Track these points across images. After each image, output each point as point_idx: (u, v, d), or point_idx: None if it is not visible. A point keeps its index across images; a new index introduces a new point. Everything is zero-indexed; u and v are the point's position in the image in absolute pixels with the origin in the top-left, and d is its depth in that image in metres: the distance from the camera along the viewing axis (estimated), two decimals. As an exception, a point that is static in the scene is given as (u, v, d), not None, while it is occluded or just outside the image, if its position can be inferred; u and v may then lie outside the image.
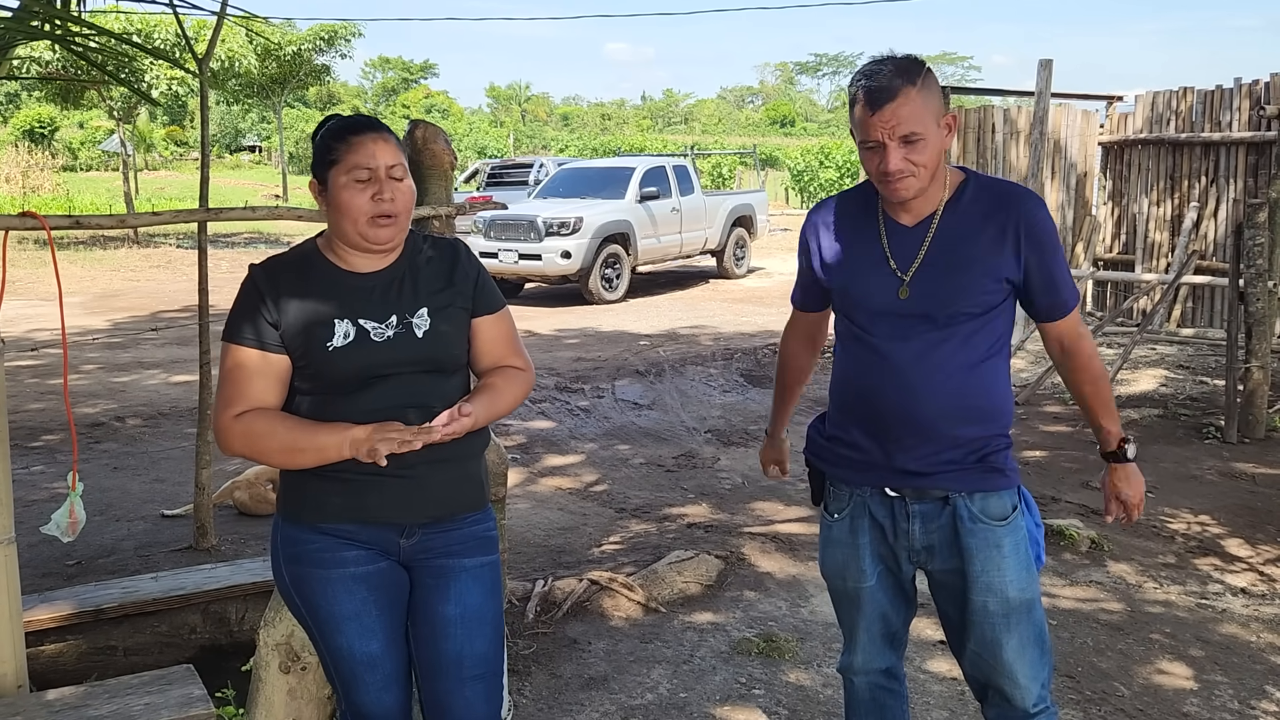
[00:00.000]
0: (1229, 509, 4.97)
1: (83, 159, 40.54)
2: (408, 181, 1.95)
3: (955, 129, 1.96)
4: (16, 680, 2.40)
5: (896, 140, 1.88)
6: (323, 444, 1.86)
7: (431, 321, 1.95)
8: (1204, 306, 9.92)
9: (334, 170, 1.90)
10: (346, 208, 1.89)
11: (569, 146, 46.72)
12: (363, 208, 1.89)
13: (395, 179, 1.92)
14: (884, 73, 1.88)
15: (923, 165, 1.90)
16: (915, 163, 1.90)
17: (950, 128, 1.93)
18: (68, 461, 5.82)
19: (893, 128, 1.87)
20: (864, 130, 1.90)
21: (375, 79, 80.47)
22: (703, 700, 3.17)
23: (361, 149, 1.89)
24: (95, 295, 13.09)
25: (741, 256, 15.44)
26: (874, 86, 1.88)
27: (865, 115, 1.89)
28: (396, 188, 1.91)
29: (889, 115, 1.86)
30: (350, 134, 1.91)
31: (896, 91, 1.86)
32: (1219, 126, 9.75)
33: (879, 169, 1.91)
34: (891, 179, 1.91)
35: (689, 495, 5.32)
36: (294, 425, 1.88)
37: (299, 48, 24.59)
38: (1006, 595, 2.00)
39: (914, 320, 1.98)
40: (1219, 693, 3.21)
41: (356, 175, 1.89)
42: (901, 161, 1.89)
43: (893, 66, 1.89)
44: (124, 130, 21.25)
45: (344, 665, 1.98)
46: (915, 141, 1.88)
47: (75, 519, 2.61)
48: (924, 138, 1.88)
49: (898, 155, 1.88)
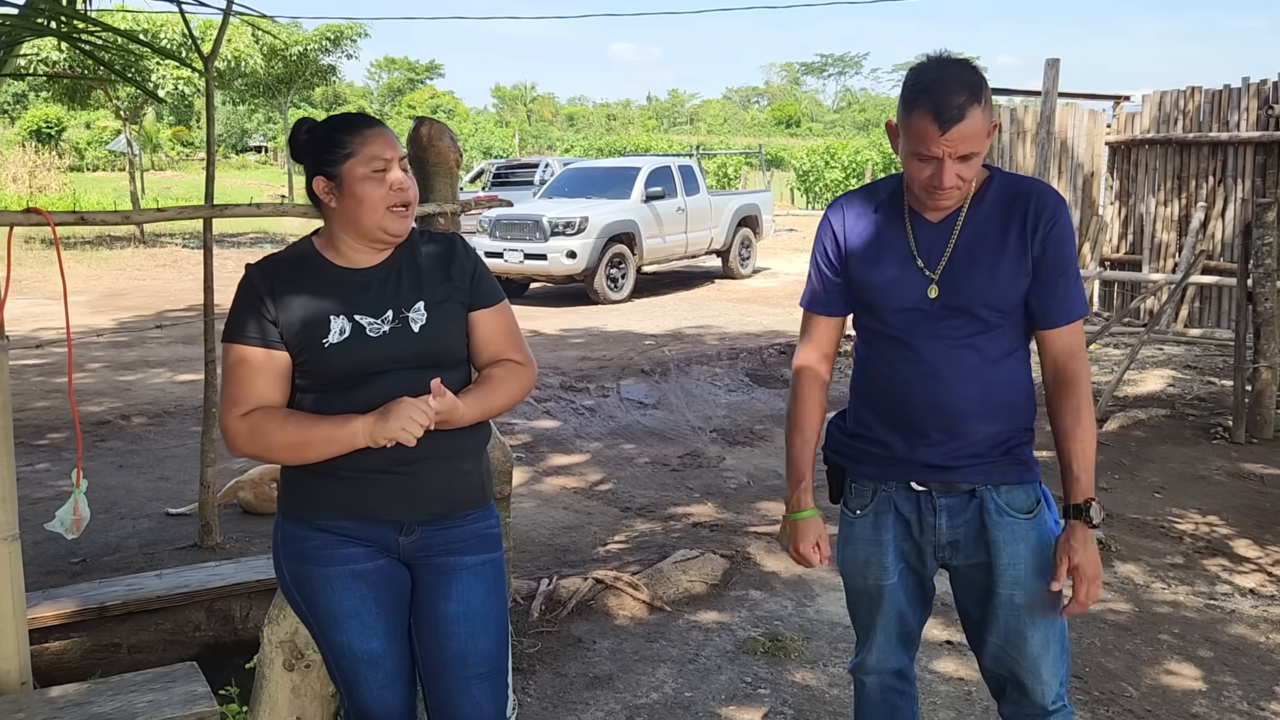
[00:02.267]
0: (1237, 509, 4.95)
1: (89, 159, 40.64)
2: (411, 175, 1.97)
3: (993, 133, 1.95)
4: (20, 677, 2.40)
5: (956, 158, 1.87)
6: (332, 436, 1.85)
7: (428, 316, 1.94)
8: (1211, 307, 9.89)
9: (350, 163, 1.89)
10: (366, 198, 1.89)
11: (574, 147, 46.73)
12: (383, 197, 1.90)
13: (404, 170, 1.94)
14: (954, 89, 1.83)
15: (969, 179, 1.92)
16: (964, 178, 1.90)
17: (990, 134, 1.93)
18: (73, 459, 5.82)
19: (955, 146, 1.85)
20: (924, 143, 1.86)
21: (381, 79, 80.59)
22: (708, 699, 3.16)
23: (376, 140, 1.91)
24: (101, 294, 13.10)
25: (747, 257, 15.42)
26: (944, 103, 1.83)
27: (929, 130, 1.84)
28: (409, 178, 1.94)
29: (955, 136, 1.83)
30: (363, 127, 1.92)
31: (965, 113, 1.83)
32: (1226, 126, 9.71)
33: (930, 181, 1.90)
34: (942, 193, 1.91)
35: (694, 494, 5.30)
36: (301, 420, 1.87)
37: (305, 48, 24.57)
38: (1033, 588, 2.00)
39: (941, 316, 1.97)
40: (1228, 694, 3.19)
41: (375, 165, 1.89)
42: (954, 178, 1.89)
43: (962, 83, 1.84)
44: (130, 130, 21.28)
45: (345, 663, 1.97)
46: (969, 159, 1.88)
47: (79, 516, 2.60)
48: (978, 154, 1.89)
49: (953, 171, 1.88)
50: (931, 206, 1.96)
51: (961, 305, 1.96)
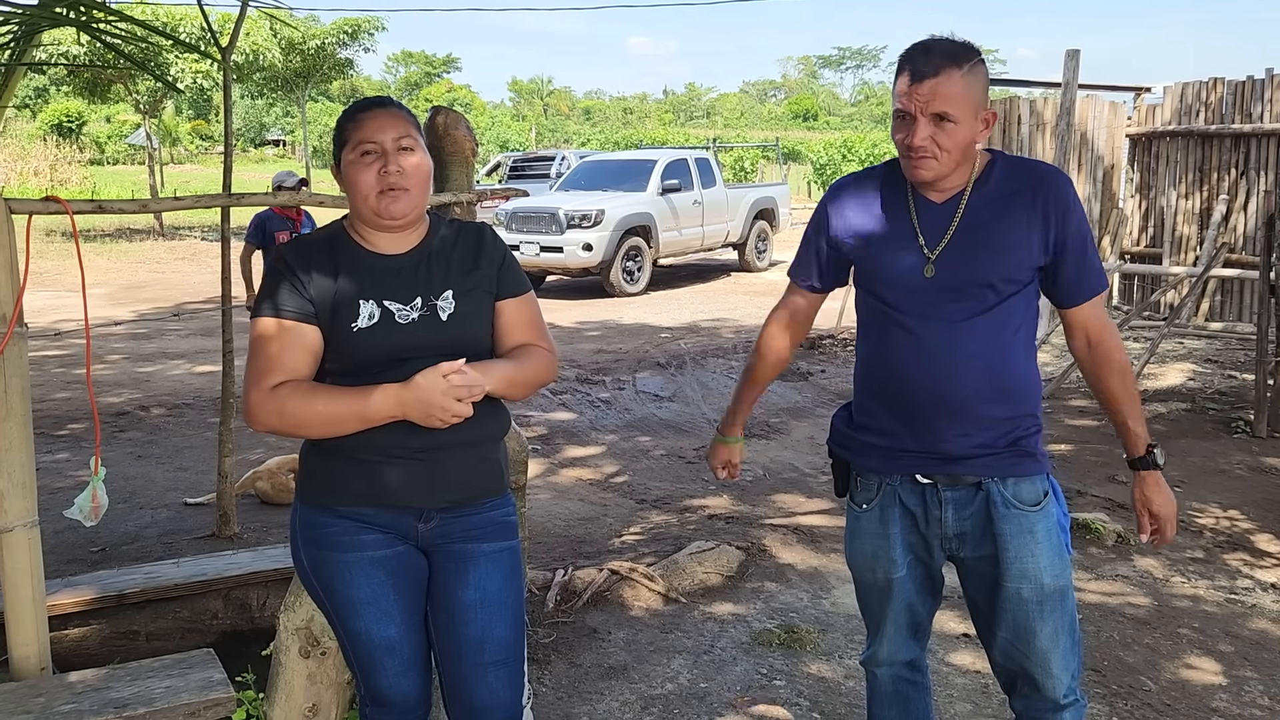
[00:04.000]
0: (1259, 504, 4.90)
1: (109, 153, 40.93)
2: (419, 155, 1.92)
3: (992, 125, 1.94)
4: (40, 663, 2.42)
5: (928, 116, 1.87)
6: (367, 408, 1.81)
7: (456, 304, 1.94)
8: (1233, 300, 9.79)
9: (344, 150, 1.92)
10: (355, 184, 1.90)
11: (591, 140, 46.69)
12: (370, 183, 1.89)
13: (404, 149, 1.90)
14: (933, 50, 1.88)
15: (947, 150, 1.89)
16: (940, 145, 1.88)
17: (988, 124, 1.92)
18: (92, 449, 5.86)
19: (926, 102, 1.86)
20: (900, 100, 1.90)
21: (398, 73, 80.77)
22: (723, 690, 3.15)
23: (365, 125, 1.90)
24: (121, 286, 13.19)
25: (763, 250, 15.39)
26: (921, 60, 1.88)
27: (904, 86, 1.89)
28: (405, 160, 1.89)
29: (926, 90, 1.86)
30: (358, 112, 1.93)
31: (940, 69, 1.86)
32: (1249, 118, 9.61)
33: (904, 141, 1.91)
34: (913, 155, 1.90)
35: (709, 487, 5.29)
36: (334, 392, 1.85)
37: (322, 41, 24.65)
38: (1041, 581, 1.98)
39: (941, 297, 1.95)
40: (1249, 689, 3.16)
41: (362, 149, 1.89)
42: (927, 140, 1.87)
43: (944, 46, 1.89)
44: (150, 124, 21.41)
45: (362, 649, 1.97)
46: (945, 122, 1.86)
47: (97, 504, 2.62)
48: (955, 122, 1.87)
49: (925, 131, 1.87)
50: (909, 176, 1.95)
51: (961, 285, 1.94)
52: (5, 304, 2.35)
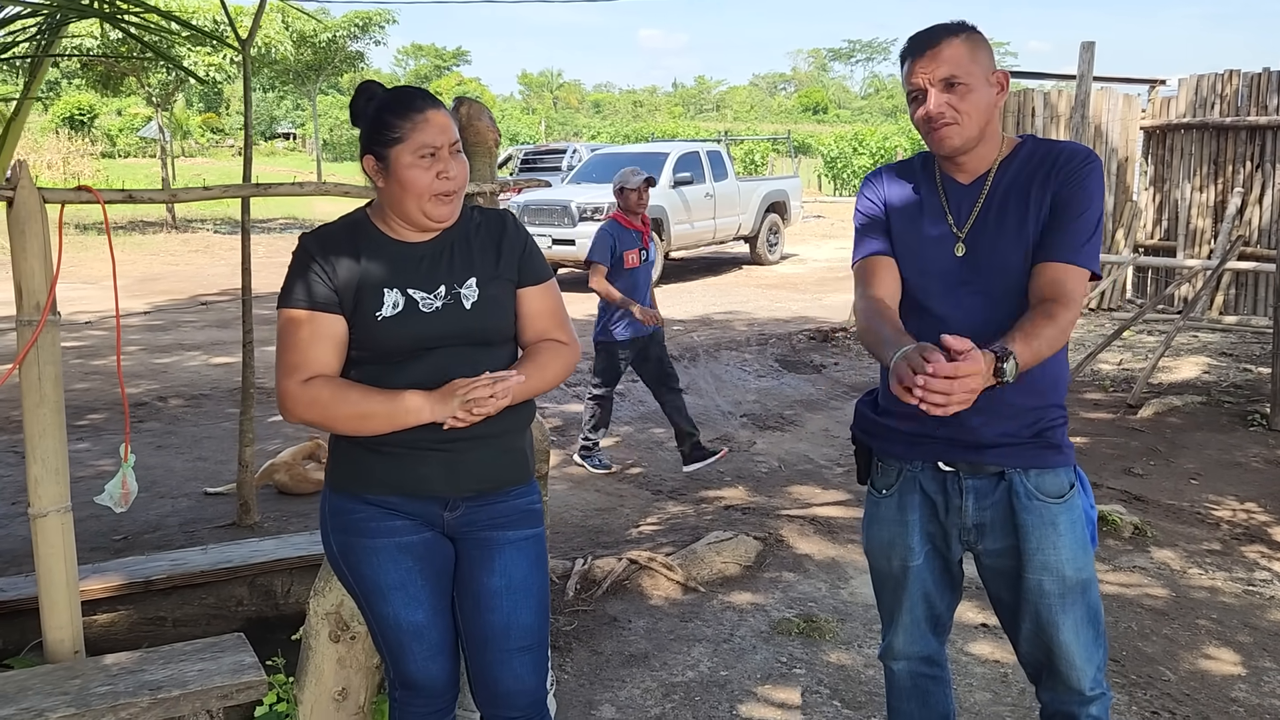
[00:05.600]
0: (1275, 496, 4.90)
1: (121, 145, 41.02)
2: (463, 157, 1.95)
3: (1006, 87, 1.95)
4: (73, 646, 2.45)
5: (938, 84, 1.90)
6: (396, 410, 1.85)
7: (480, 292, 1.95)
8: (1247, 293, 9.75)
9: (398, 148, 1.88)
10: (411, 185, 1.88)
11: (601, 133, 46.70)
12: (429, 185, 1.88)
13: (455, 153, 1.91)
14: (928, 29, 1.94)
15: (966, 113, 1.90)
16: (958, 109, 1.89)
17: (1002, 85, 1.94)
18: (113, 440, 5.91)
19: (933, 71, 1.90)
20: (909, 80, 1.94)
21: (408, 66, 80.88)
22: (744, 679, 3.17)
23: (427, 127, 1.88)
24: (136, 279, 13.25)
25: (775, 243, 15.37)
26: (917, 40, 1.93)
27: (910, 65, 1.93)
28: (456, 164, 1.91)
29: (929, 60, 1.90)
30: (413, 110, 1.89)
31: (939, 39, 1.91)
32: (1265, 110, 9.56)
33: (922, 116, 1.93)
34: (934, 124, 1.91)
35: (725, 478, 5.31)
36: (364, 391, 1.88)
37: (334, 34, 24.70)
38: (1063, 574, 1.97)
39: (969, 279, 1.96)
40: (1268, 679, 3.16)
41: (422, 153, 1.88)
42: (943, 105, 1.89)
43: (939, 24, 1.95)
44: (161, 117, 21.47)
45: (390, 634, 2.00)
46: (957, 86, 1.89)
47: (127, 490, 2.65)
48: (967, 84, 1.89)
49: (939, 99, 1.90)
50: (937, 149, 1.96)
51: (988, 265, 1.94)
52: (39, 293, 2.38)
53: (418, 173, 1.88)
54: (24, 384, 2.38)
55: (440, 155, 1.89)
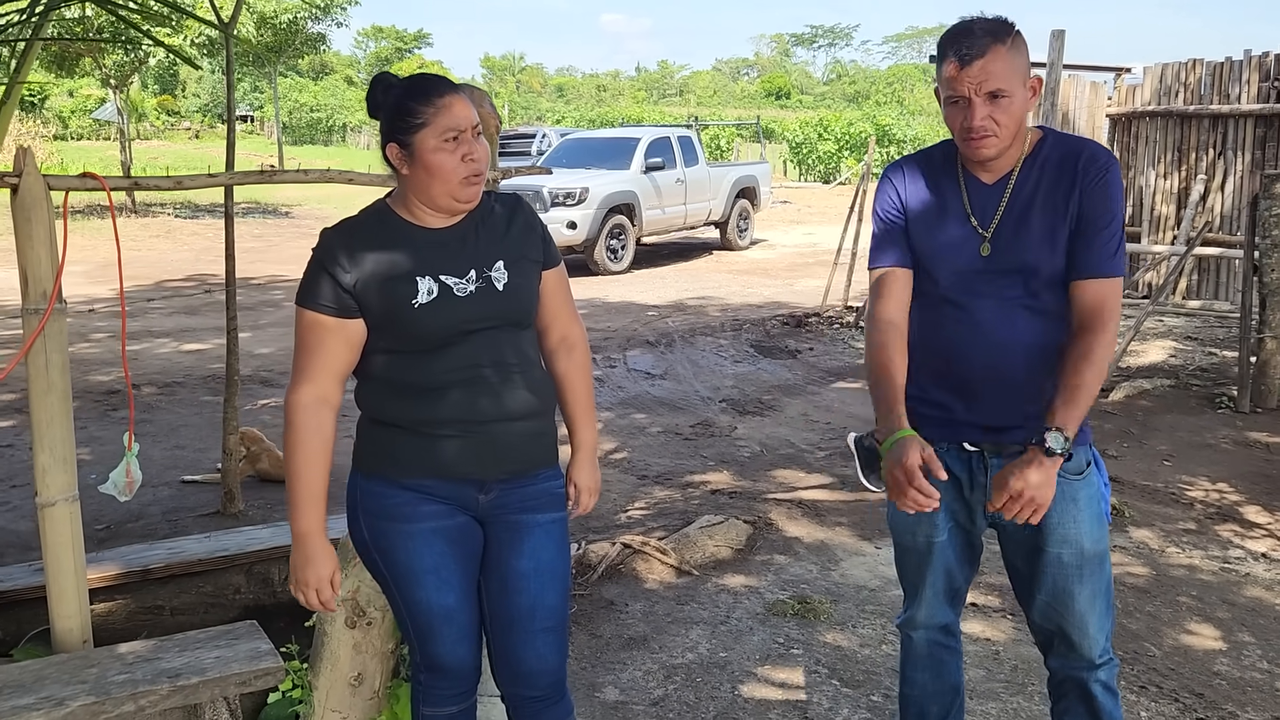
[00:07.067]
0: (1246, 476, 5.04)
1: (73, 128, 40.18)
2: (484, 139, 1.97)
3: (1039, 92, 1.97)
4: (82, 635, 2.44)
5: (983, 96, 1.90)
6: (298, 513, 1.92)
7: (509, 274, 1.97)
8: (1209, 279, 9.97)
9: (423, 134, 1.89)
10: (439, 170, 1.89)
11: (565, 118, 46.46)
12: (457, 169, 1.90)
13: (478, 134, 1.94)
14: (975, 31, 1.91)
15: (1005, 125, 1.92)
16: (999, 121, 1.92)
17: (1035, 90, 1.95)
18: (94, 428, 5.83)
19: (980, 83, 1.89)
20: (951, 85, 1.92)
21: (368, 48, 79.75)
22: (743, 660, 3.22)
23: (451, 111, 1.89)
24: (98, 264, 13.01)
25: (745, 228, 15.42)
26: (965, 43, 1.90)
27: (954, 70, 1.91)
28: (479, 146, 1.93)
29: (977, 71, 1.89)
30: (435, 95, 1.90)
31: (987, 49, 1.88)
32: (1227, 99, 9.75)
33: (962, 125, 1.94)
34: (974, 135, 1.93)
35: (709, 463, 5.36)
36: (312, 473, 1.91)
37: (295, 15, 24.36)
38: (1082, 547, 2.05)
39: (995, 276, 2.00)
40: (1248, 653, 3.27)
41: (448, 136, 1.89)
42: (985, 119, 1.91)
43: (984, 25, 1.92)
44: (119, 99, 21.05)
45: (421, 618, 2.01)
46: (1000, 99, 1.90)
47: (132, 478, 2.64)
48: (1009, 96, 1.90)
49: (982, 111, 1.90)
50: (972, 156, 1.98)
51: (1013, 265, 1.99)
52: (45, 281, 2.36)
53: (444, 156, 1.89)
54: (31, 372, 2.35)
55: (464, 138, 1.91)
